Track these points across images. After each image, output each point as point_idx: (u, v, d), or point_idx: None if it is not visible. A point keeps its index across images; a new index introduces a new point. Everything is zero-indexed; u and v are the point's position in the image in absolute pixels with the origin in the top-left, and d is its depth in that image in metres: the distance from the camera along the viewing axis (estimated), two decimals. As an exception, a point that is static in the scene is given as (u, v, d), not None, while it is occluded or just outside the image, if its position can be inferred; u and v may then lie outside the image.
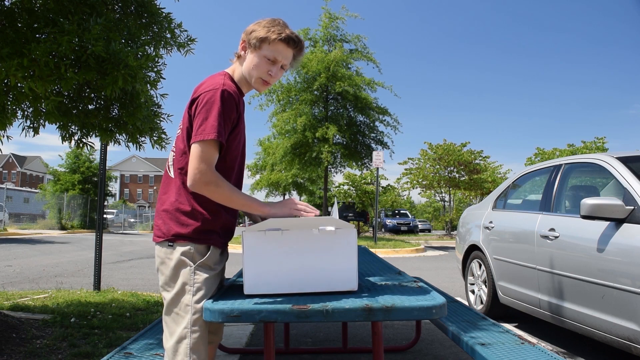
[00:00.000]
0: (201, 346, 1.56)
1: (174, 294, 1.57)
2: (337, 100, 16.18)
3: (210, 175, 1.50)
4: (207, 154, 1.50)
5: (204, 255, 1.60)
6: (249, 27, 1.67)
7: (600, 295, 2.84)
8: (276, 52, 1.63)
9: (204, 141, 1.50)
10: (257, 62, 1.63)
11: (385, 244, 14.47)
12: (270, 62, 1.64)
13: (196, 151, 1.50)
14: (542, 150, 26.12)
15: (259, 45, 1.62)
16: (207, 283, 1.59)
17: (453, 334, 2.44)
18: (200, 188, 1.51)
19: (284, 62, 1.67)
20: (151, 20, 3.35)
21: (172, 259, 1.59)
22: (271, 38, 1.61)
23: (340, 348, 3.34)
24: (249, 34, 1.64)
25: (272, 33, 1.61)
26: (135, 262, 9.88)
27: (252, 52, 1.64)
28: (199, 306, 1.54)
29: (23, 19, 2.75)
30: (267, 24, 1.63)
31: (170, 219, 1.60)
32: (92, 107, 3.24)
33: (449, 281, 7.08)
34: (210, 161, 1.51)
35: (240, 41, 1.68)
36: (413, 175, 24.74)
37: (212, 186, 1.51)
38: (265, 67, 1.64)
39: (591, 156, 3.47)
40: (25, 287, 6.04)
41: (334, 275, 1.58)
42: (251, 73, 1.65)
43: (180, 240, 1.58)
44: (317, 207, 34.10)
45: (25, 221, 26.63)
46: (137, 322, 3.90)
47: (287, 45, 1.64)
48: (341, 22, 16.17)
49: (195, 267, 1.58)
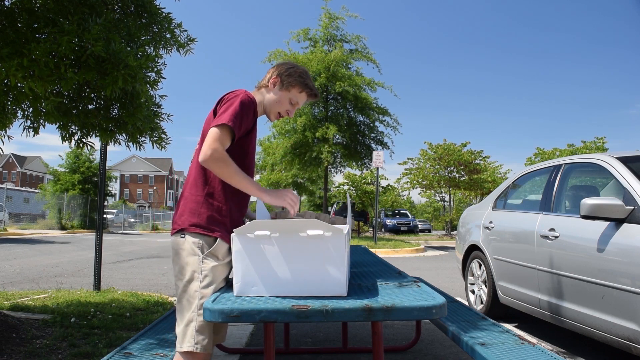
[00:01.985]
0: (206, 329, 1.65)
1: (185, 282, 1.70)
2: (337, 100, 16.19)
3: (221, 153, 1.63)
4: (221, 135, 1.64)
5: (211, 246, 1.71)
6: (282, 67, 1.92)
7: (600, 295, 2.84)
8: (300, 99, 1.94)
9: (220, 125, 1.65)
10: (282, 101, 1.91)
11: (385, 244, 14.46)
12: (291, 105, 1.93)
13: (212, 133, 1.65)
14: (542, 150, 26.13)
15: (288, 89, 1.90)
16: (215, 271, 1.70)
17: (453, 334, 2.44)
18: (210, 164, 1.64)
19: (300, 105, 1.97)
20: (151, 20, 3.35)
21: (183, 249, 1.72)
22: (304, 90, 1.92)
23: (340, 348, 3.34)
24: (283, 75, 1.89)
25: (306, 87, 1.92)
26: (135, 262, 9.88)
27: (280, 90, 1.90)
28: (205, 292, 1.66)
29: (23, 19, 2.74)
30: (301, 73, 1.92)
31: (185, 211, 1.75)
32: (92, 107, 3.24)
33: (449, 281, 7.08)
34: (223, 142, 1.65)
35: (272, 75, 1.91)
36: (413, 175, 24.74)
37: (220, 162, 1.63)
38: (286, 107, 1.93)
39: (591, 156, 3.47)
40: (25, 287, 6.04)
41: (323, 279, 1.55)
42: (273, 106, 1.91)
43: (192, 229, 1.71)
44: (317, 207, 34.12)
45: (25, 221, 26.62)
46: (137, 322, 3.90)
47: (309, 97, 1.97)
48: (341, 22, 16.20)
49: (203, 256, 1.70)
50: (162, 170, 71.99)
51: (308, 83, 1.92)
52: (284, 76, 1.89)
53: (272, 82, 1.91)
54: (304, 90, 1.92)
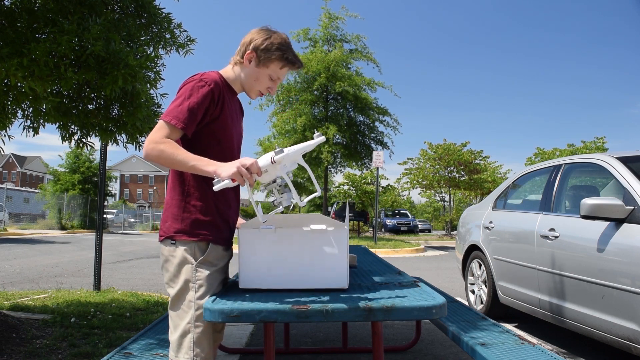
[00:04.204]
0: (204, 341, 1.60)
1: (177, 290, 1.63)
2: (337, 100, 16.18)
3: (153, 146, 1.52)
4: (159, 129, 1.55)
5: (204, 251, 1.63)
6: (258, 39, 1.67)
7: (600, 295, 2.84)
8: (282, 74, 1.72)
9: (161, 120, 1.57)
10: (260, 78, 1.71)
11: (385, 244, 14.46)
12: (272, 81, 1.72)
13: (154, 127, 1.58)
14: (542, 150, 26.12)
15: (267, 65, 1.68)
16: (209, 279, 1.63)
17: (453, 334, 2.44)
18: (149, 158, 1.55)
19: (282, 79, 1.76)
20: (150, 21, 3.35)
21: (175, 256, 1.63)
22: (285, 65, 1.69)
23: (340, 348, 3.34)
24: (257, 48, 1.66)
25: (287, 61, 1.68)
26: (135, 262, 9.88)
27: (257, 66, 1.68)
28: (201, 302, 1.58)
29: (23, 19, 2.74)
30: (279, 45, 1.67)
31: (168, 217, 1.67)
32: (92, 107, 3.24)
33: (449, 281, 7.08)
34: (160, 134, 1.54)
35: (245, 50, 1.68)
36: (413, 175, 24.73)
37: (155, 152, 1.52)
38: (267, 84, 1.72)
39: (591, 156, 3.46)
40: (25, 287, 6.04)
41: (326, 273, 1.62)
42: (251, 84, 1.72)
43: (181, 237, 1.62)
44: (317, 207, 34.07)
45: (25, 221, 26.61)
46: (137, 322, 3.90)
47: (292, 69, 1.74)
48: (341, 22, 16.18)
49: (196, 264, 1.62)
50: (162, 170, 71.94)
51: (288, 56, 1.68)
52: (260, 51, 1.66)
53: (248, 58, 1.68)
54: (286, 65, 1.69)
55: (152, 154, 1.53)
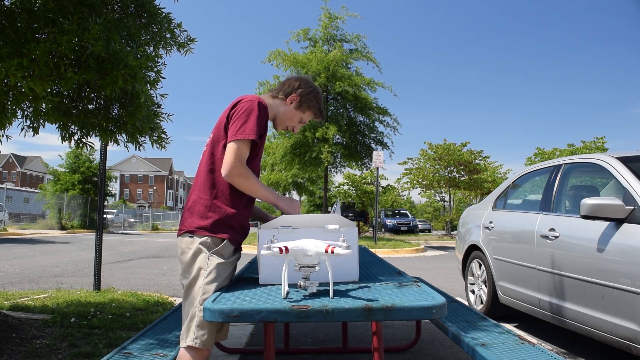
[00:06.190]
0: (207, 324, 1.68)
1: (191, 279, 1.75)
2: (337, 100, 16.17)
3: (242, 168, 1.75)
4: (242, 150, 1.76)
5: (218, 245, 1.78)
6: (303, 87, 1.99)
7: (600, 295, 2.84)
8: (307, 119, 2.04)
9: (241, 140, 1.75)
10: (294, 118, 2.01)
11: (385, 244, 14.46)
12: (299, 122, 2.04)
13: (233, 148, 1.75)
14: (542, 150, 26.10)
15: (304, 111, 2.00)
16: (219, 268, 1.75)
17: (453, 334, 2.44)
18: (233, 179, 1.76)
19: (306, 123, 2.09)
20: (150, 20, 3.34)
21: (191, 248, 1.78)
22: (317, 115, 2.04)
23: (340, 348, 3.34)
24: (304, 96, 1.98)
25: (320, 113, 2.04)
26: (135, 262, 9.88)
27: (295, 108, 1.99)
28: (209, 287, 1.70)
29: (23, 19, 2.74)
30: (319, 97, 2.03)
31: (193, 214, 1.81)
32: (92, 107, 3.24)
33: (449, 281, 7.08)
34: (243, 157, 1.76)
35: (292, 92, 1.98)
36: (413, 175, 24.73)
37: (243, 178, 1.76)
38: (295, 123, 2.04)
39: (591, 156, 3.46)
40: (25, 287, 6.04)
41: (339, 267, 1.77)
42: (284, 120, 2.01)
43: (200, 231, 1.78)
44: (317, 207, 34.14)
45: (25, 221, 26.61)
46: (137, 322, 3.90)
47: (317, 119, 2.08)
48: (341, 21, 16.16)
49: (210, 253, 1.76)
50: (162, 170, 71.97)
51: (322, 109, 2.05)
52: (304, 97, 1.98)
53: (291, 100, 1.98)
54: (317, 116, 2.05)
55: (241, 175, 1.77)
